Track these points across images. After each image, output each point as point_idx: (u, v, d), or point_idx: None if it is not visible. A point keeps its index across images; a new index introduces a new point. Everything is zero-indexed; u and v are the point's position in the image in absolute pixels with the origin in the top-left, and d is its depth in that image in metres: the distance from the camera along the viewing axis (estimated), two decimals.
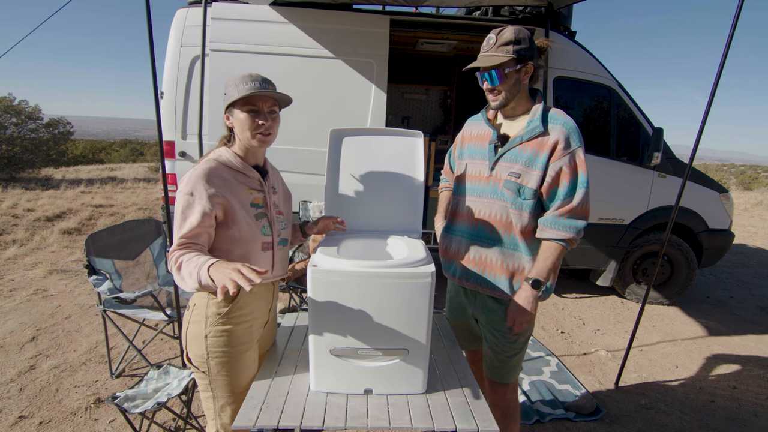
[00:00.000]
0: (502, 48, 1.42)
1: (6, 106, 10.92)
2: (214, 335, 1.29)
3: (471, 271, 1.59)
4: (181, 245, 1.20)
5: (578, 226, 1.44)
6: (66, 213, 6.98)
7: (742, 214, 10.24)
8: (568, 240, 1.45)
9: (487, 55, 1.45)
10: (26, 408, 2.30)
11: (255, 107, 1.30)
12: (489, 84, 1.48)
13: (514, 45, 1.41)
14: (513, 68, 1.43)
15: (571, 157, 1.41)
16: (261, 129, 1.31)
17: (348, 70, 3.61)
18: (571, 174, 1.41)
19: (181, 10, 3.67)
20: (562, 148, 1.40)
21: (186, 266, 1.13)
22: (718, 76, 2.24)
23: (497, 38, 1.43)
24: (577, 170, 1.42)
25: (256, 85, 1.28)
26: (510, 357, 1.63)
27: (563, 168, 1.41)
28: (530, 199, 1.46)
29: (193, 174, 1.23)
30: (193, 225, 1.20)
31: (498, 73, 1.43)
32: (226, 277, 1.02)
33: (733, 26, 2.14)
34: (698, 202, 4.09)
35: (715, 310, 4.27)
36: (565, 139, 1.41)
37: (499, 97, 1.49)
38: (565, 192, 1.43)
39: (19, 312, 3.44)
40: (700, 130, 2.38)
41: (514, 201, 1.48)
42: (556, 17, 3.85)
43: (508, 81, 1.45)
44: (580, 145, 1.43)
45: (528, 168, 1.45)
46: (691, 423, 2.43)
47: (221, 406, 1.36)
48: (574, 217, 1.43)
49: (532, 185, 1.44)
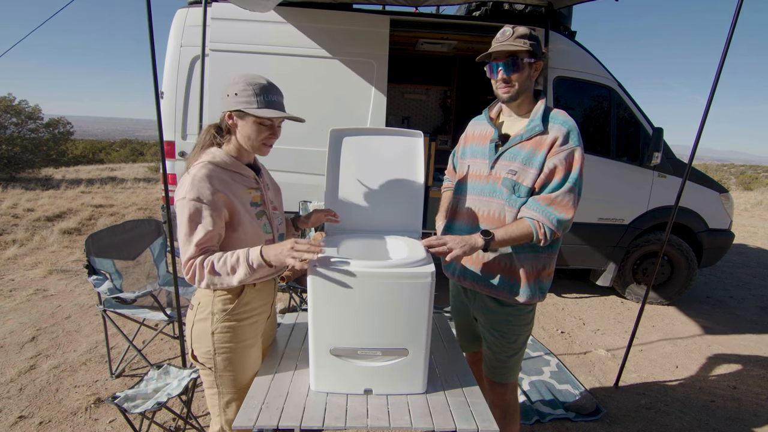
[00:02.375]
0: (519, 40, 1.43)
1: (6, 106, 10.92)
2: (221, 331, 1.31)
3: (468, 270, 1.59)
4: (199, 252, 1.21)
5: (556, 216, 1.40)
6: (66, 213, 6.98)
7: (742, 214, 10.24)
8: (539, 223, 1.40)
9: (504, 44, 1.44)
10: (26, 408, 2.30)
11: (271, 122, 1.30)
12: (504, 73, 1.46)
13: (529, 39, 1.43)
14: (528, 59, 1.44)
15: (567, 154, 1.40)
16: (270, 141, 1.33)
17: (348, 70, 3.61)
18: (564, 171, 1.40)
19: (181, 10, 3.67)
20: (559, 145, 1.40)
21: (224, 263, 1.20)
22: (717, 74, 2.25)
23: (514, 31, 1.44)
24: (571, 167, 1.41)
25: (276, 100, 1.29)
26: (509, 357, 1.63)
27: (557, 165, 1.40)
28: (524, 197, 1.46)
29: (195, 178, 1.22)
30: (208, 229, 1.21)
31: (513, 62, 1.43)
32: (286, 257, 1.15)
33: (732, 25, 2.14)
34: (698, 202, 4.09)
35: (715, 310, 4.27)
36: (563, 137, 1.40)
37: (512, 89, 1.47)
38: (555, 185, 1.41)
39: (19, 312, 3.44)
40: (699, 129, 2.38)
41: (509, 198, 1.48)
42: (556, 17, 3.85)
43: (522, 72, 1.45)
44: (579, 144, 1.42)
45: (525, 166, 1.45)
46: (691, 423, 2.43)
47: (226, 402, 1.37)
48: (553, 207, 1.40)
49: (527, 183, 1.44)
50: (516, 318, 1.58)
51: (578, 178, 1.41)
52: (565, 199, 1.40)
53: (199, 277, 1.21)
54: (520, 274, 1.52)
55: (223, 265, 1.20)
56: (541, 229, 1.41)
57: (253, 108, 1.25)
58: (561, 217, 1.41)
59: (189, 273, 1.21)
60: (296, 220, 1.63)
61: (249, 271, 1.20)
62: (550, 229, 1.41)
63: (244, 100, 1.25)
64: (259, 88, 1.26)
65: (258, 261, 1.19)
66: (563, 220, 1.41)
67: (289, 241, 1.17)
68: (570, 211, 1.41)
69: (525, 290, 1.52)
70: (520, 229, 1.42)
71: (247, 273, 1.20)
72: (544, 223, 1.40)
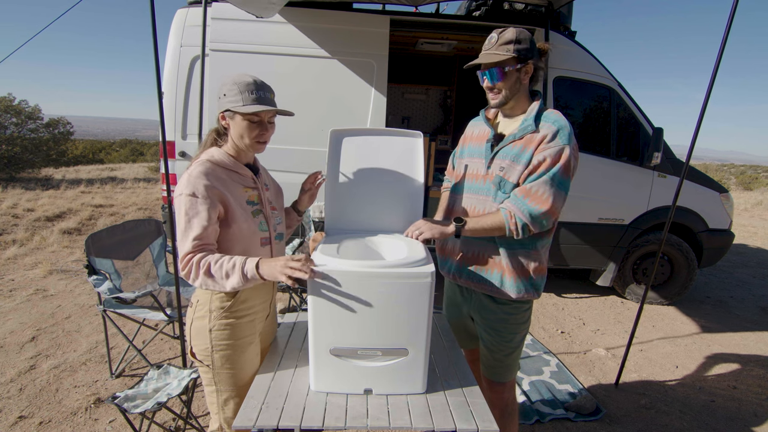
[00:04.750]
0: (503, 47, 1.43)
1: (6, 106, 10.92)
2: (218, 329, 1.32)
3: (464, 268, 1.60)
4: (197, 247, 1.22)
5: (528, 208, 1.38)
6: (66, 213, 6.98)
7: (742, 214, 10.24)
8: (510, 213, 1.40)
9: (488, 53, 1.45)
10: (26, 408, 2.30)
11: (259, 117, 1.32)
12: (489, 82, 1.48)
13: (515, 44, 1.43)
14: (513, 67, 1.44)
15: (555, 151, 1.39)
16: (261, 138, 1.35)
17: (348, 70, 3.61)
18: (548, 165, 1.39)
19: (181, 10, 3.67)
20: (547, 141, 1.40)
21: (220, 267, 1.20)
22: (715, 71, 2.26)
23: (499, 37, 1.44)
24: (556, 163, 1.39)
25: (262, 95, 1.30)
26: (506, 356, 1.63)
27: (541, 160, 1.39)
28: (509, 193, 1.46)
29: (191, 175, 1.25)
30: (204, 224, 1.22)
31: (498, 71, 1.44)
32: (279, 273, 1.17)
33: (728, 26, 2.14)
34: (698, 202, 4.09)
35: (715, 310, 4.27)
36: (552, 134, 1.40)
37: (499, 96, 1.49)
38: (532, 179, 1.40)
39: (19, 312, 3.44)
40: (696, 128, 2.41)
41: (495, 195, 1.49)
42: (556, 17, 3.85)
43: (508, 79, 1.46)
44: (569, 143, 1.40)
45: (513, 163, 1.46)
46: (691, 423, 2.43)
47: (224, 400, 1.38)
48: (528, 199, 1.39)
49: (513, 179, 1.45)
50: (512, 316, 1.59)
51: (560, 173, 1.39)
52: (540, 191, 1.38)
53: (194, 275, 1.21)
54: (510, 270, 1.52)
55: (219, 269, 1.21)
56: (512, 219, 1.40)
57: (239, 106, 1.27)
58: (534, 209, 1.38)
59: (185, 269, 1.22)
60: (295, 204, 1.68)
61: (242, 280, 1.20)
62: (522, 221, 1.39)
63: (232, 100, 1.28)
64: (244, 85, 1.28)
65: (252, 272, 1.19)
66: (537, 212, 1.38)
67: (283, 258, 1.19)
68: (545, 204, 1.38)
69: (516, 285, 1.52)
70: (492, 219, 1.43)
71: (240, 281, 1.20)
72: (516, 213, 1.40)
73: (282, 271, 1.16)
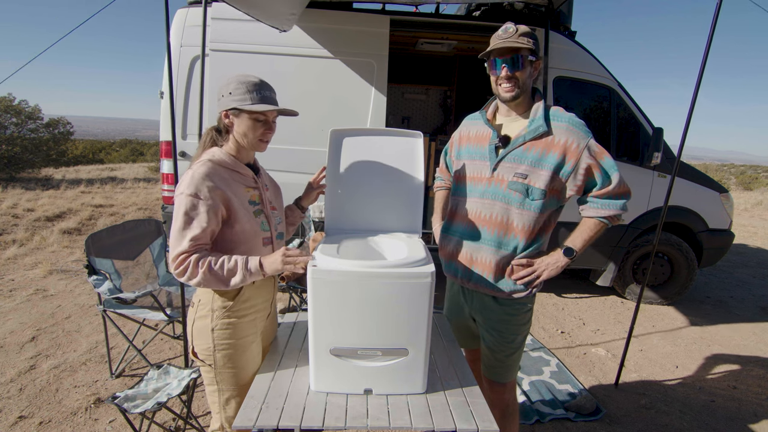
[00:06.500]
0: (523, 37, 1.43)
1: (6, 106, 10.92)
2: (220, 328, 1.33)
3: (473, 272, 1.58)
4: (193, 247, 1.22)
5: (618, 203, 1.48)
6: (66, 213, 6.98)
7: (742, 214, 10.24)
8: (609, 217, 1.49)
9: (510, 41, 1.43)
10: (26, 408, 2.30)
11: (265, 116, 1.34)
12: (508, 70, 1.45)
13: (531, 38, 1.45)
14: (531, 57, 1.45)
15: (588, 150, 1.42)
16: (265, 137, 1.37)
17: (348, 70, 3.61)
18: (597, 165, 1.44)
19: (181, 10, 3.67)
20: (577, 146, 1.42)
21: (221, 266, 1.23)
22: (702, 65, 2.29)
23: (517, 29, 1.45)
24: (602, 158, 1.44)
25: (268, 95, 1.32)
26: (507, 356, 1.63)
27: (590, 163, 1.43)
28: (539, 199, 1.46)
29: (194, 175, 1.25)
30: (203, 226, 1.23)
31: (522, 59, 1.44)
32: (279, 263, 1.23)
33: (713, 26, 2.15)
34: (698, 202, 4.09)
35: (715, 310, 4.27)
36: (575, 137, 1.42)
37: (515, 87, 1.47)
38: (601, 180, 1.46)
39: (19, 312, 3.44)
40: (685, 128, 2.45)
41: (522, 202, 1.48)
42: (556, 17, 3.84)
43: (525, 70, 1.45)
44: (590, 135, 1.44)
45: (535, 168, 1.45)
46: (691, 423, 2.43)
47: (226, 399, 1.38)
48: (613, 197, 1.48)
49: (540, 185, 1.45)
50: (514, 317, 1.59)
51: (608, 158, 1.45)
52: (620, 185, 1.47)
53: (191, 273, 1.21)
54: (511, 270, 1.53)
55: (220, 268, 1.23)
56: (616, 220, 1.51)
57: (247, 104, 1.28)
58: (624, 200, 1.49)
59: (179, 267, 1.21)
60: (299, 201, 1.71)
61: (246, 275, 1.25)
62: (621, 215, 1.51)
63: (238, 98, 1.29)
64: (252, 85, 1.30)
65: (256, 268, 1.25)
66: (627, 200, 1.50)
67: (280, 250, 1.26)
68: (628, 190, 1.50)
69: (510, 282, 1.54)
70: (589, 232, 1.51)
71: (243, 278, 1.25)
72: (614, 214, 1.48)
73: (282, 260, 1.24)
